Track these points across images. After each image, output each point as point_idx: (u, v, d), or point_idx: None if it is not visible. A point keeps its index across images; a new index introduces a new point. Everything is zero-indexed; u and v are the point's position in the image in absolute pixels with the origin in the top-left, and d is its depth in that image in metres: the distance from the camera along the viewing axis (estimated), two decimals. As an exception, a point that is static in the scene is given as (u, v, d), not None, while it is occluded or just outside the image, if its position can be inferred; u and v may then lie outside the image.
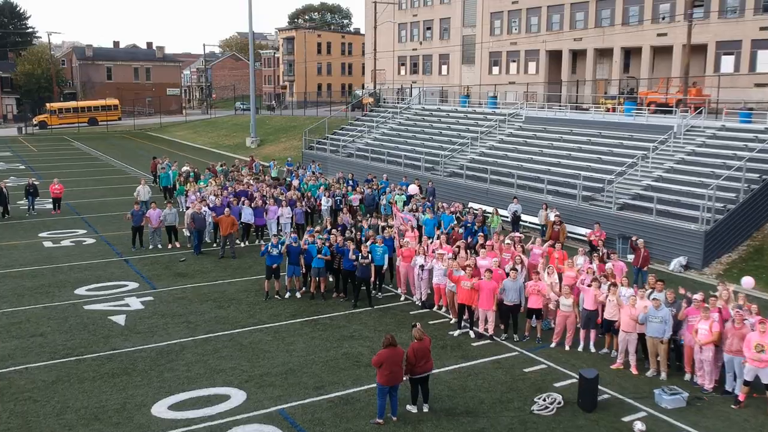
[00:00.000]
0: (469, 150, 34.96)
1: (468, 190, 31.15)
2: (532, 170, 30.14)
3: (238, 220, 23.85)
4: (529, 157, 31.49)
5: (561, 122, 34.07)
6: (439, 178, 32.87)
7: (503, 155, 32.80)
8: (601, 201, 25.87)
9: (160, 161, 38.23)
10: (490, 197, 29.76)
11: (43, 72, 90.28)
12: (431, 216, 23.21)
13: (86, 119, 79.67)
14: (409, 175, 33.83)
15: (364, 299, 18.25)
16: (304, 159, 45.60)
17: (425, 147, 37.61)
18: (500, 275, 16.41)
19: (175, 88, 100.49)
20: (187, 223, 23.67)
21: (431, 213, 23.61)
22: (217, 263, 22.42)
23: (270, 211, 24.57)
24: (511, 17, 64.96)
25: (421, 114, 44.21)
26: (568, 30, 59.29)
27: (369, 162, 38.40)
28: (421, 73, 77.13)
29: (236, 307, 18.17)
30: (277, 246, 18.47)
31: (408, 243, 18.89)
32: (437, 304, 18.03)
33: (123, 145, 62.44)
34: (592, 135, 31.48)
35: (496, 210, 24.62)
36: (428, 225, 22.54)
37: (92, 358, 14.71)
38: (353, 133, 44.25)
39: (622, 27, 54.81)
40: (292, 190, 27.77)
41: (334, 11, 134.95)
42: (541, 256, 18.84)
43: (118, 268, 21.89)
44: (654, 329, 13.74)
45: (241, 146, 59.28)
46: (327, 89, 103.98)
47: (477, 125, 38.15)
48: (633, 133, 30.02)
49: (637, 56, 55.62)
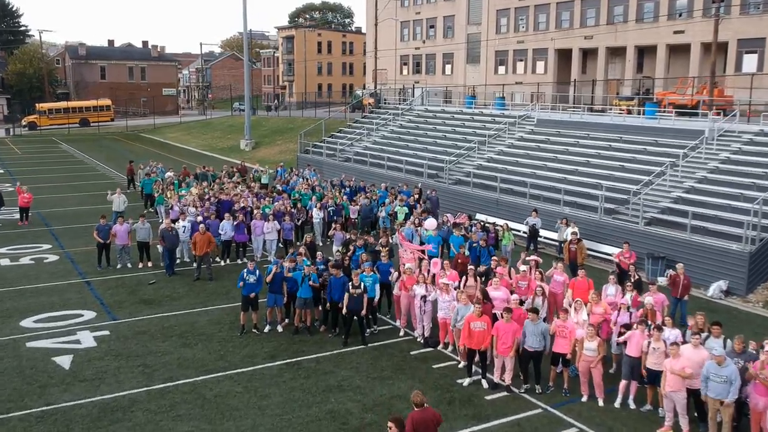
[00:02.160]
0: (476, 155, 32.18)
1: (475, 199, 28.38)
2: (546, 178, 27.35)
3: (217, 236, 21.12)
4: (542, 164, 28.69)
5: (576, 125, 31.28)
6: (443, 186, 30.10)
7: (514, 161, 30.00)
8: (626, 215, 23.08)
9: (143, 166, 35.53)
10: (501, 208, 26.99)
11: (35, 71, 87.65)
12: (435, 232, 20.43)
13: (77, 120, 76.97)
14: (411, 183, 31.06)
15: (357, 334, 15.49)
16: (299, 164, 42.85)
17: (428, 152, 34.86)
18: (521, 313, 13.63)
19: (171, 88, 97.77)
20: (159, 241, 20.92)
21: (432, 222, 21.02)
22: (192, 286, 19.66)
23: (255, 227, 21.80)
24: (518, 14, 62.17)
25: (424, 116, 41.43)
26: (578, 27, 56.48)
27: (368, 167, 35.64)
28: (424, 72, 74.36)
29: (205, 345, 15.39)
30: (254, 272, 15.69)
31: (409, 269, 16.05)
32: (442, 341, 15.24)
33: (112, 148, 59.77)
34: (611, 140, 28.67)
35: (507, 225, 21.76)
36: (432, 243, 19.74)
37: (19, 418, 11.96)
38: (352, 136, 41.51)
39: (636, 24, 52.00)
40: (283, 200, 24.99)
41: (336, 10, 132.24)
42: (567, 285, 16.02)
43: (77, 292, 19.13)
44: (716, 389, 10.94)
45: (235, 149, 56.56)
46: (327, 89, 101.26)
47: (484, 128, 35.36)
48: (658, 137, 27.19)
49: (652, 55, 52.78)
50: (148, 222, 21.53)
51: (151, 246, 21.63)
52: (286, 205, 24.33)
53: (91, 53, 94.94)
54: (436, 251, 19.28)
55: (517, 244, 23.24)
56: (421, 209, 24.43)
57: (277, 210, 23.22)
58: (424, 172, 31.54)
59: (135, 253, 21.64)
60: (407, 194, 27.56)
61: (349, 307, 15.03)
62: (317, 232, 24.26)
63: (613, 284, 15.43)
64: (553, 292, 16.24)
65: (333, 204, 24.84)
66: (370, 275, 15.49)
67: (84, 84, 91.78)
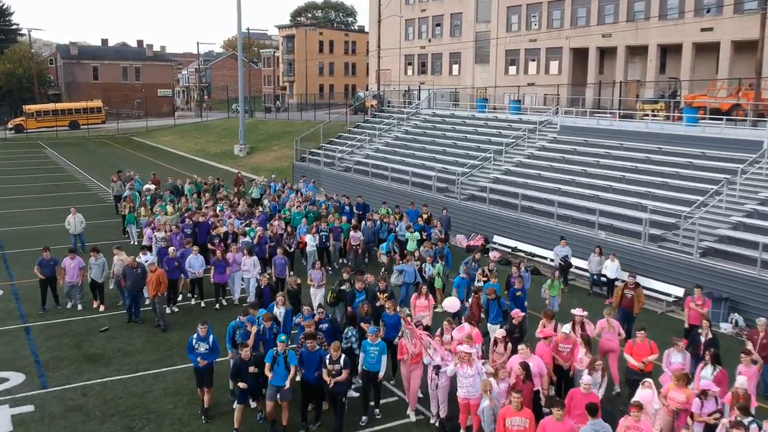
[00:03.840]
0: (492, 167, 28.51)
1: (492, 219, 24.72)
2: (575, 195, 23.67)
3: (186, 271, 17.46)
4: (569, 178, 24.99)
5: (605, 133, 27.57)
6: (454, 203, 26.44)
7: (536, 174, 26.31)
8: (674, 242, 19.38)
9: (115, 178, 31.83)
10: (523, 230, 23.30)
11: (25, 71, 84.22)
12: (465, 275, 16.49)
13: (67, 123, 73.40)
14: (418, 200, 27.41)
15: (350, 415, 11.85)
16: (295, 173, 39.22)
17: (437, 161, 31.19)
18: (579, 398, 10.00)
19: (166, 88, 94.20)
20: (115, 281, 17.21)
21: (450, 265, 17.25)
22: (151, 335, 16.05)
23: (232, 261, 17.72)
24: (530, 11, 58.46)
25: (432, 121, 37.75)
26: (595, 25, 52.70)
27: (369, 179, 31.99)
28: (430, 73, 70.68)
29: (154, 430, 11.78)
30: (206, 339, 11.90)
31: (407, 334, 12.22)
32: (464, 427, 11.58)
33: (98, 153, 56.22)
34: (649, 151, 24.96)
35: (555, 273, 17.33)
36: (461, 287, 16.09)
37: None
38: (352, 143, 37.85)
39: (659, 21, 48.22)
40: (272, 224, 21.33)
41: (338, 8, 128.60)
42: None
43: (9, 344, 15.53)
44: None
45: (229, 154, 52.96)
46: (329, 90, 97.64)
47: (500, 135, 31.67)
48: (705, 149, 23.47)
49: (676, 54, 49.00)
50: (102, 256, 17.69)
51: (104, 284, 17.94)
52: (275, 229, 20.60)
53: (84, 53, 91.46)
54: (461, 296, 15.67)
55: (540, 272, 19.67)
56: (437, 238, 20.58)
57: (261, 237, 19.52)
58: (433, 186, 27.87)
59: (90, 291, 18.02)
60: (414, 214, 23.88)
61: (330, 391, 11.30)
62: (311, 263, 20.50)
63: (680, 351, 11.85)
64: (605, 349, 12.84)
65: (327, 228, 21.11)
66: (375, 343, 11.80)
67: (76, 85, 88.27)
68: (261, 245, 19.16)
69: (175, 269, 17.06)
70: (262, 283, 14.97)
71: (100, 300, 17.68)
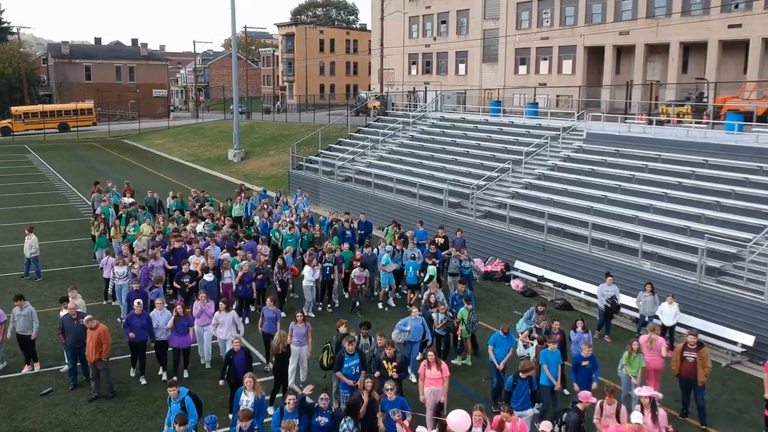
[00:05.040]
0: (511, 179, 25.33)
1: (513, 241, 21.56)
2: (609, 215, 20.50)
3: (147, 331, 13.32)
4: (601, 195, 21.82)
5: (639, 142, 24.39)
6: (469, 222, 23.30)
7: (562, 189, 23.14)
8: (737, 278, 16.22)
9: (99, 186, 28.76)
10: (550, 256, 20.14)
11: (14, 71, 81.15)
12: (502, 333, 12.73)
13: (56, 125, 70.34)
14: (428, 217, 24.29)
15: None
16: (291, 182, 36.08)
17: (447, 172, 28.06)
18: None
19: (162, 89, 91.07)
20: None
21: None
22: (102, 402, 12.90)
23: (200, 313, 13.74)
24: (541, 7, 55.34)
25: (440, 125, 34.57)
26: (612, 21, 49.59)
27: (372, 190, 28.86)
28: (435, 72, 67.63)
29: None
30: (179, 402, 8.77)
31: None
32: None
33: (85, 158, 53.09)
34: (694, 163, 21.77)
35: (634, 344, 11.99)
36: (500, 348, 12.53)
37: None
38: (354, 149, 34.68)
39: (682, 17, 45.07)
40: (260, 251, 18.28)
41: (339, 6, 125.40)
42: None
43: (-77, 415, 12.42)
44: None
45: (222, 160, 49.84)
46: (330, 91, 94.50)
47: (517, 143, 28.50)
48: (762, 162, 20.29)
49: (699, 53, 45.88)
50: (28, 305, 14.00)
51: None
52: (261, 259, 17.46)
53: (76, 52, 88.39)
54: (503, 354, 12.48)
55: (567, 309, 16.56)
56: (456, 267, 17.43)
57: (246, 275, 16.26)
58: (444, 200, 24.71)
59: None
60: (422, 235, 20.74)
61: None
62: (308, 303, 17.30)
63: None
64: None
65: (332, 258, 17.85)
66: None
67: (67, 85, 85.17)
68: (245, 284, 15.98)
69: (142, 329, 13.15)
70: (234, 347, 11.68)
71: (33, 358, 14.25)
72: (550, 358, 11.53)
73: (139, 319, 13.02)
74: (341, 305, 18.46)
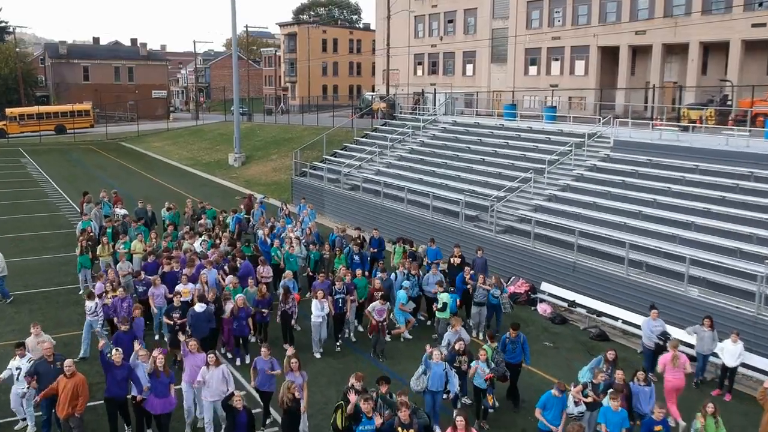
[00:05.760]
0: (532, 190, 23.43)
1: (538, 260, 19.66)
2: (645, 233, 18.60)
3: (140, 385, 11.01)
4: (635, 209, 19.90)
5: (673, 150, 22.44)
6: (488, 237, 21.40)
7: (590, 203, 21.23)
8: (803, 309, 14.33)
9: (88, 197, 26.87)
10: (581, 278, 18.24)
11: (11, 72, 79.35)
12: (556, 393, 10.47)
13: (52, 127, 68.46)
14: (443, 231, 22.41)
15: None
16: (294, 191, 34.18)
17: (462, 181, 26.18)
18: None
19: (161, 89, 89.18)
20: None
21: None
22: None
23: (191, 369, 11.38)
24: (553, 6, 53.49)
25: (452, 130, 32.65)
26: (627, 21, 47.66)
27: (380, 200, 26.96)
28: (442, 73, 65.79)
29: None
30: None
31: None
32: None
33: (82, 162, 51.24)
34: (737, 175, 19.84)
35: (709, 406, 9.99)
36: (553, 410, 10.32)
37: None
38: (361, 155, 32.77)
39: (702, 16, 43.13)
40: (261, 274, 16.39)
41: (342, 6, 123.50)
42: None
43: None
44: None
45: (222, 164, 47.95)
46: (333, 91, 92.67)
47: (537, 150, 26.58)
48: (816, 175, 18.40)
49: (719, 53, 44.00)
50: None
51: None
52: (263, 293, 15.33)
53: (73, 52, 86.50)
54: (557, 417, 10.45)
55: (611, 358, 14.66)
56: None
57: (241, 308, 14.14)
58: (461, 214, 22.81)
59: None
60: (435, 255, 18.82)
61: None
62: (315, 342, 15.05)
63: None
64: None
65: (343, 287, 15.61)
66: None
67: (65, 86, 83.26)
68: (240, 320, 13.97)
69: (123, 382, 10.90)
70: (236, 404, 9.63)
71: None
72: (612, 418, 9.62)
73: (120, 370, 10.80)
74: (359, 340, 16.32)
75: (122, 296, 14.23)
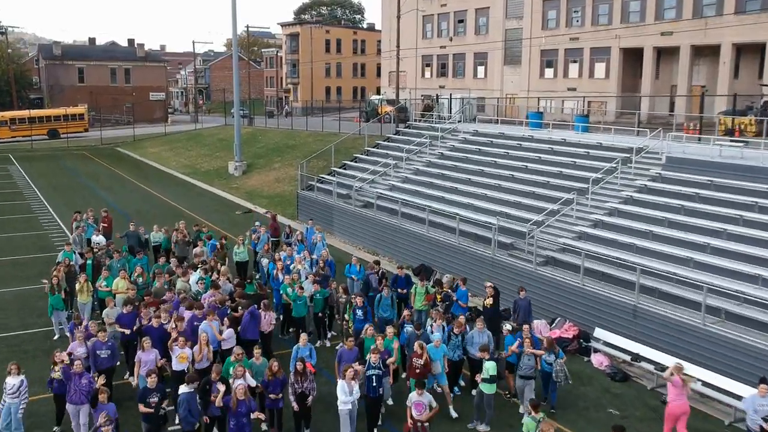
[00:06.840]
0: (575, 214, 20.57)
1: (589, 301, 16.81)
2: (717, 270, 15.76)
3: None
4: (703, 242, 17.04)
5: (736, 170, 19.56)
6: (527, 270, 18.56)
7: (646, 231, 18.37)
8: None
9: (75, 218, 24.10)
10: (645, 325, 15.39)
11: (3, 73, 76.53)
12: None
13: (45, 131, 65.65)
14: (471, 260, 19.59)
15: None
16: (299, 208, 31.32)
17: (489, 200, 23.34)
18: None
19: (159, 91, 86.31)
20: None
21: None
22: None
23: None
24: (571, 5, 50.69)
25: (474, 141, 29.80)
26: (652, 21, 44.82)
27: (398, 220, 24.09)
28: (451, 75, 62.96)
29: None
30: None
31: None
32: None
33: (74, 170, 48.39)
34: (822, 201, 17.01)
35: None
36: None
37: None
38: (374, 168, 29.91)
39: (735, 17, 40.30)
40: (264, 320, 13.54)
41: (345, 6, 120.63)
42: None
43: None
44: None
45: (222, 173, 45.10)
46: (336, 93, 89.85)
47: (575, 166, 23.72)
48: None
49: (753, 55, 41.20)
50: None
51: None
52: (275, 369, 11.32)
53: (68, 53, 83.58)
54: None
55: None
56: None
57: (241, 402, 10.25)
58: (493, 241, 19.96)
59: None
60: (462, 297, 15.94)
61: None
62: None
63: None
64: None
65: (378, 361, 11.64)
66: None
67: (59, 88, 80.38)
68: (239, 418, 10.15)
69: None
70: None
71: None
72: None
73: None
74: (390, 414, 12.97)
75: (78, 371, 10.97)
